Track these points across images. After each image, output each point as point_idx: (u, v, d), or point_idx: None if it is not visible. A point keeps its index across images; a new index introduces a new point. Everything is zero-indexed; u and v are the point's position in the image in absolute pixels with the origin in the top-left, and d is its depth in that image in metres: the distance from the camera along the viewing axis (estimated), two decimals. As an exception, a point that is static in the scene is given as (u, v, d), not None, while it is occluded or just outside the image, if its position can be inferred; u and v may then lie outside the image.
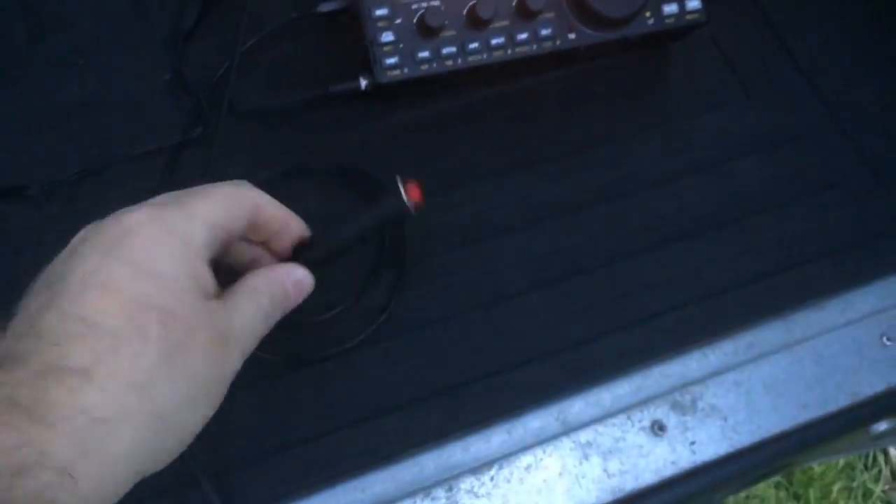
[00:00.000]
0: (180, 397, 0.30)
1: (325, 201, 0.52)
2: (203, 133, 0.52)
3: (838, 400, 0.48)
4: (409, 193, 0.39)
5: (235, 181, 0.37)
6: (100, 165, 0.51)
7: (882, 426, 0.54)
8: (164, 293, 0.30)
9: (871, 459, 1.25)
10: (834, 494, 1.22)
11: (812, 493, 1.21)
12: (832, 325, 0.50)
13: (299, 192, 0.51)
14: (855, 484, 1.23)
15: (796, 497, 1.22)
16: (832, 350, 0.50)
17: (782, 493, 1.22)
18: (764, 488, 1.20)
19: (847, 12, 0.62)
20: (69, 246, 0.32)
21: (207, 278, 0.33)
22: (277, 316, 0.36)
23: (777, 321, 0.50)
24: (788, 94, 0.58)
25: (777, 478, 1.21)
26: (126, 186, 0.51)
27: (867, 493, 1.23)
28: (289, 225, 0.39)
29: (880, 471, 1.24)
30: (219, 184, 0.36)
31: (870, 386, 0.49)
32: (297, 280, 0.37)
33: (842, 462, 1.23)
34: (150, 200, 0.34)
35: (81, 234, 0.32)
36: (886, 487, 1.23)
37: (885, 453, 1.24)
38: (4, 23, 0.56)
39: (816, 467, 1.22)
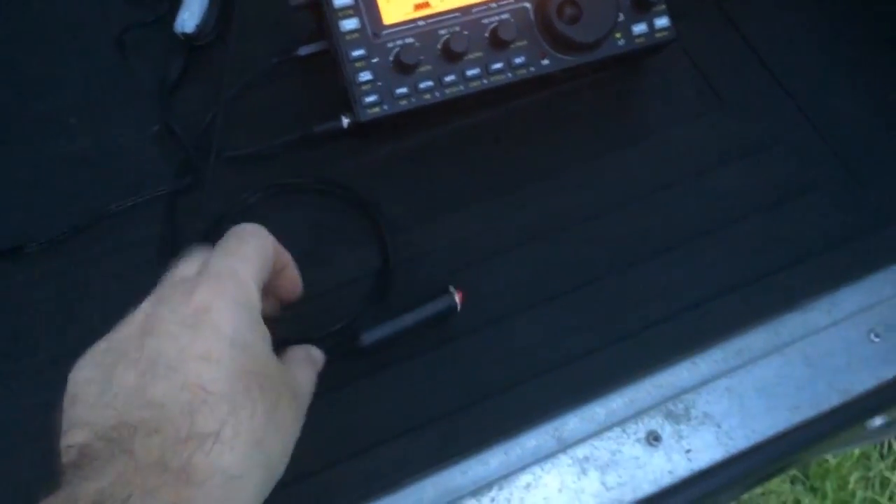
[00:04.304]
0: (281, 449, 0.34)
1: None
2: (194, 181, 0.53)
3: (830, 399, 0.49)
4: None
5: (252, 229, 0.39)
6: (95, 218, 0.53)
7: (878, 421, 0.55)
8: (255, 360, 0.34)
9: (886, 448, 1.25)
10: (851, 485, 1.21)
11: (829, 485, 1.21)
12: (819, 326, 0.51)
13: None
14: (871, 473, 1.23)
15: (813, 490, 1.22)
16: (821, 350, 0.50)
17: (799, 488, 1.22)
18: (779, 483, 1.20)
19: (817, 18, 0.63)
20: (135, 323, 0.34)
21: (270, 338, 0.36)
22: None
23: (764, 326, 0.51)
24: (763, 101, 0.59)
25: (792, 472, 1.21)
26: (123, 237, 0.53)
27: (884, 482, 1.23)
28: (288, 267, 0.41)
29: (896, 458, 1.25)
30: (245, 236, 0.38)
31: (860, 383, 0.49)
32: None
33: (857, 452, 1.23)
34: (189, 266, 0.36)
35: (147, 310, 0.34)
36: (903, 474, 1.23)
37: (901, 441, 1.24)
38: (-6, 85, 0.58)
39: (832, 459, 1.22)
